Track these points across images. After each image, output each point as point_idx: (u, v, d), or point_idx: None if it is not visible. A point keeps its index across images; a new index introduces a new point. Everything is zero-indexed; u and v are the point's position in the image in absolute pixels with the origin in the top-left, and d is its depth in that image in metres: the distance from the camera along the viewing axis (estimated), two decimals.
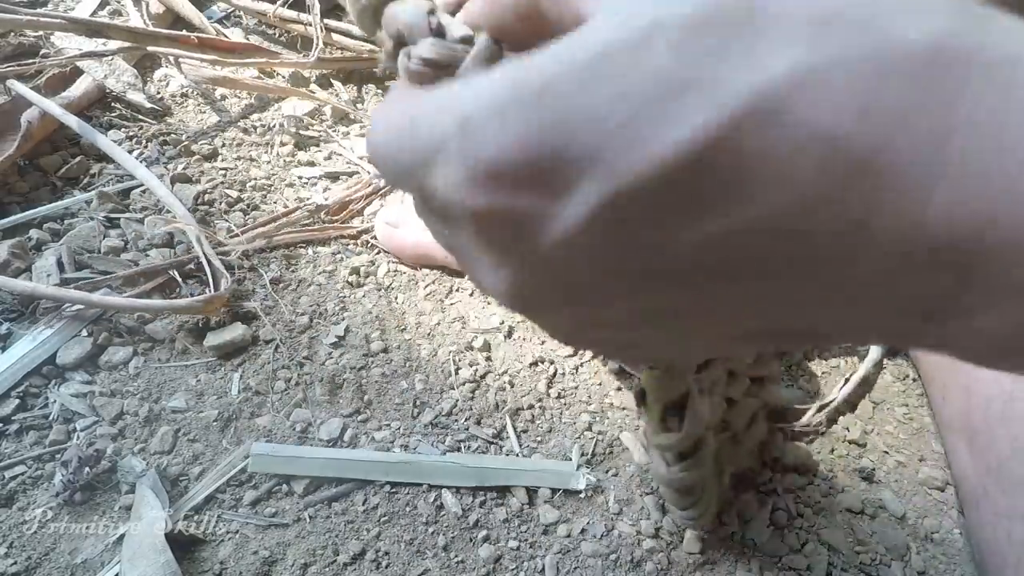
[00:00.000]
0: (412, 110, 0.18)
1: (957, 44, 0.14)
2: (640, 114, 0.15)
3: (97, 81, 0.73)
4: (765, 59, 0.14)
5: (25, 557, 0.43)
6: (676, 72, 0.14)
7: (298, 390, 0.53)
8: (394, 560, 0.46)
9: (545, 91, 0.15)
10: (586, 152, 0.15)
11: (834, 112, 0.14)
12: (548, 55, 0.16)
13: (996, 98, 0.14)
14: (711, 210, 0.15)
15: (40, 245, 0.59)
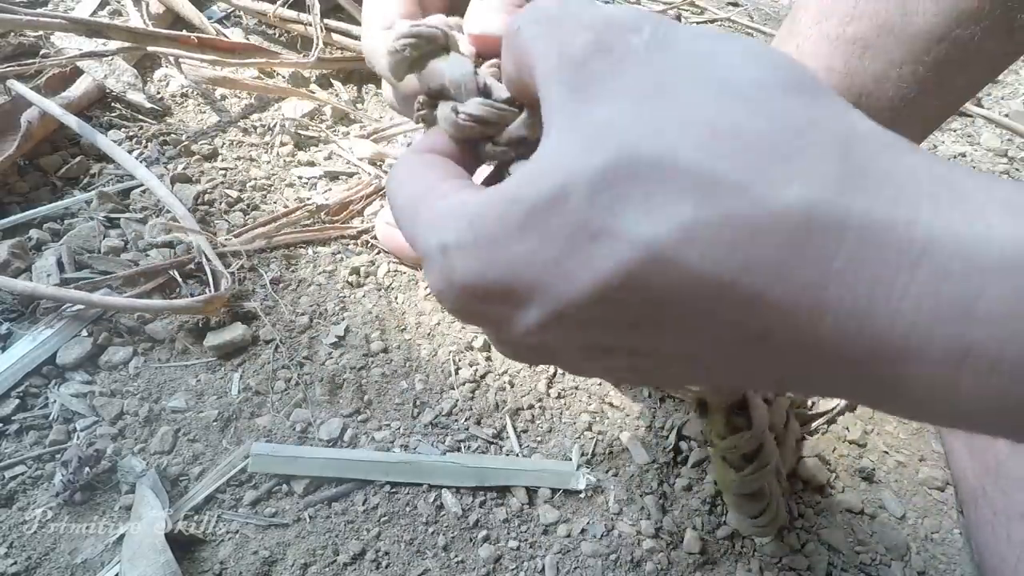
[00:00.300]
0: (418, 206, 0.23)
1: (829, 210, 0.16)
2: (565, 257, 0.19)
3: (97, 81, 0.73)
4: (660, 214, 0.17)
5: (25, 557, 0.43)
6: (589, 223, 0.18)
7: (298, 390, 0.53)
8: (394, 560, 0.46)
9: (496, 238, 0.20)
10: (530, 283, 0.19)
11: (718, 263, 0.17)
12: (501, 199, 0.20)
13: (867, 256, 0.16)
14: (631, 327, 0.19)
15: (40, 245, 0.59)
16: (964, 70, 0.40)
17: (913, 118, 0.43)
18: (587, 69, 0.20)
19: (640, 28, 0.20)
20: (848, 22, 0.40)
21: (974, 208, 0.16)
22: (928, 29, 0.38)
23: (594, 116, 0.19)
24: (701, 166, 0.17)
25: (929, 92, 0.41)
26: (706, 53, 0.19)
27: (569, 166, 0.18)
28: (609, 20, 0.20)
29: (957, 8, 0.37)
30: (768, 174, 0.16)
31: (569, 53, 0.20)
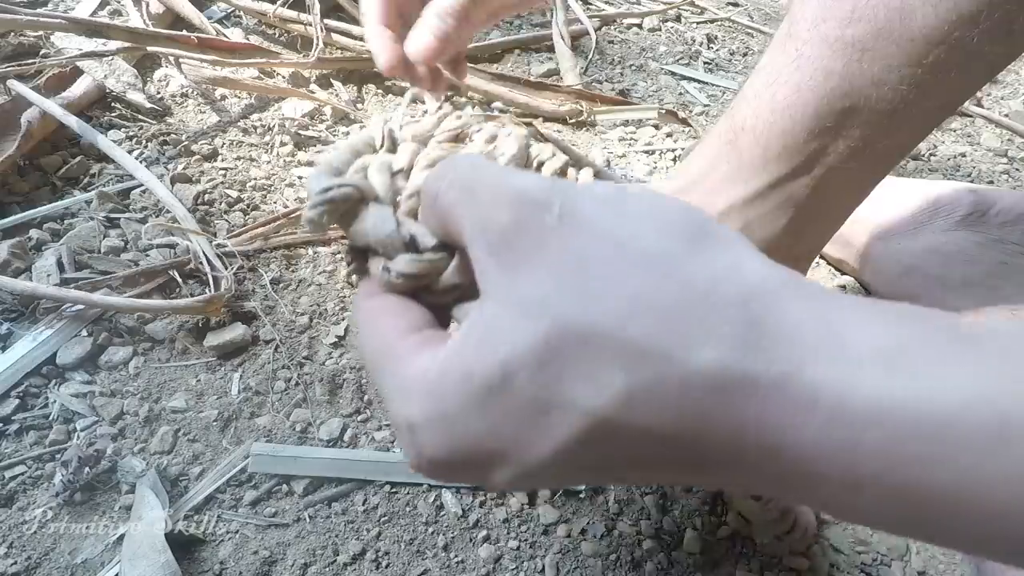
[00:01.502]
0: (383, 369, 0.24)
1: (738, 369, 0.19)
2: (524, 430, 0.21)
3: (97, 81, 0.73)
4: (599, 383, 0.20)
5: (25, 557, 0.43)
6: (538, 397, 0.20)
7: (298, 390, 0.53)
8: (394, 560, 0.46)
9: (457, 418, 0.22)
10: (494, 453, 0.22)
11: (655, 419, 0.19)
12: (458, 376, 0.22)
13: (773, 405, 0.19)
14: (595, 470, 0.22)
15: (40, 245, 0.59)
16: (963, 72, 0.40)
17: (912, 120, 0.43)
18: (511, 246, 0.22)
19: (550, 205, 0.22)
20: (847, 25, 0.40)
21: (852, 362, 0.18)
22: (927, 32, 0.38)
23: (525, 292, 0.21)
24: (625, 336, 0.19)
25: (928, 94, 0.41)
26: (612, 223, 0.21)
27: (512, 342, 0.20)
28: (522, 197, 0.22)
29: (956, 11, 0.37)
30: (684, 339, 0.19)
31: (492, 229, 0.22)
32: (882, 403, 0.18)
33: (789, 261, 0.52)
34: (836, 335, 0.19)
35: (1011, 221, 0.61)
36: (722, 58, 1.05)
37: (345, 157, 0.29)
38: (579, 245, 0.21)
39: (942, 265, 0.60)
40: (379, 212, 0.25)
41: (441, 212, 0.24)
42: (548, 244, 0.21)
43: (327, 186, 0.25)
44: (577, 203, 0.22)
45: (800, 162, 0.45)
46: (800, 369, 0.18)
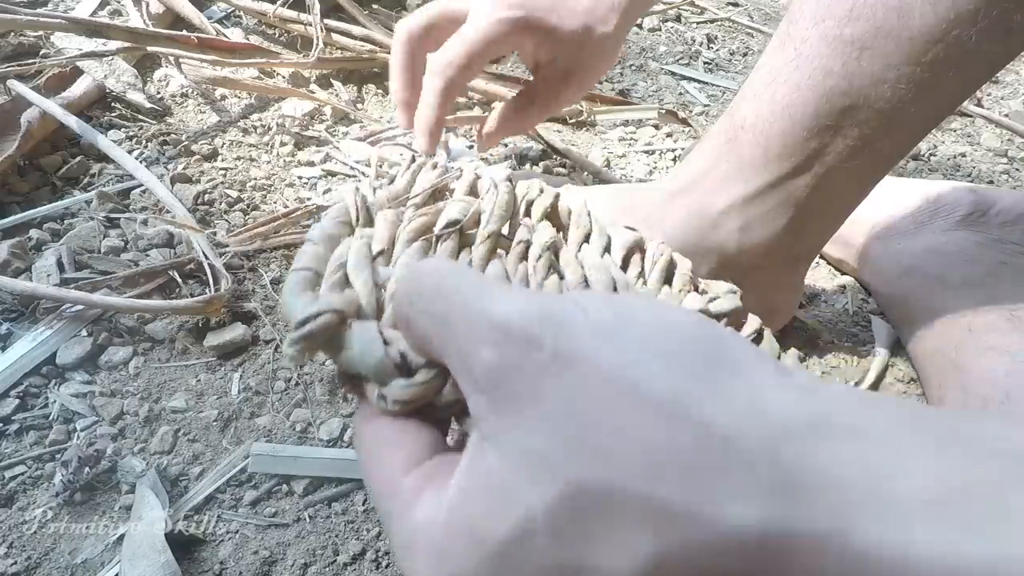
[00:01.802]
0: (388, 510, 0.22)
1: (774, 528, 0.16)
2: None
3: (97, 81, 0.73)
4: (626, 548, 0.17)
5: (25, 557, 0.43)
6: (562, 561, 0.18)
7: (298, 390, 0.53)
8: (394, 560, 0.46)
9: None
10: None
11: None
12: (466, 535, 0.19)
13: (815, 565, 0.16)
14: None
15: (40, 245, 0.59)
16: (962, 71, 0.40)
17: (911, 119, 0.43)
18: (501, 387, 0.19)
19: (540, 341, 0.19)
20: (846, 24, 0.40)
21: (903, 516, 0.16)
22: (925, 31, 0.38)
23: (529, 446, 0.18)
24: (647, 495, 0.17)
25: (927, 93, 0.41)
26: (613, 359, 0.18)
27: (524, 504, 0.18)
28: (505, 332, 0.19)
29: (954, 9, 0.37)
30: (711, 495, 0.17)
31: (476, 367, 0.20)
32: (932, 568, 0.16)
33: (789, 261, 0.53)
34: (881, 483, 0.17)
35: (1011, 221, 0.61)
36: (722, 58, 1.05)
37: (321, 253, 0.26)
38: (580, 389, 0.18)
39: (942, 265, 0.60)
40: (364, 334, 0.23)
41: (416, 339, 0.22)
42: (544, 389, 0.18)
43: (304, 317, 0.22)
44: (571, 337, 0.19)
45: (800, 161, 0.45)
46: (849, 527, 0.16)
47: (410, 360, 0.23)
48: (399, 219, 0.29)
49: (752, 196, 0.48)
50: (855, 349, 0.62)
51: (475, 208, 0.31)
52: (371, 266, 0.26)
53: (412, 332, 0.22)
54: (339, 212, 0.28)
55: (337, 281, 0.25)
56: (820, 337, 0.62)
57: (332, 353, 0.23)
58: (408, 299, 0.22)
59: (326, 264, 0.26)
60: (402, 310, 0.23)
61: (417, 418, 0.23)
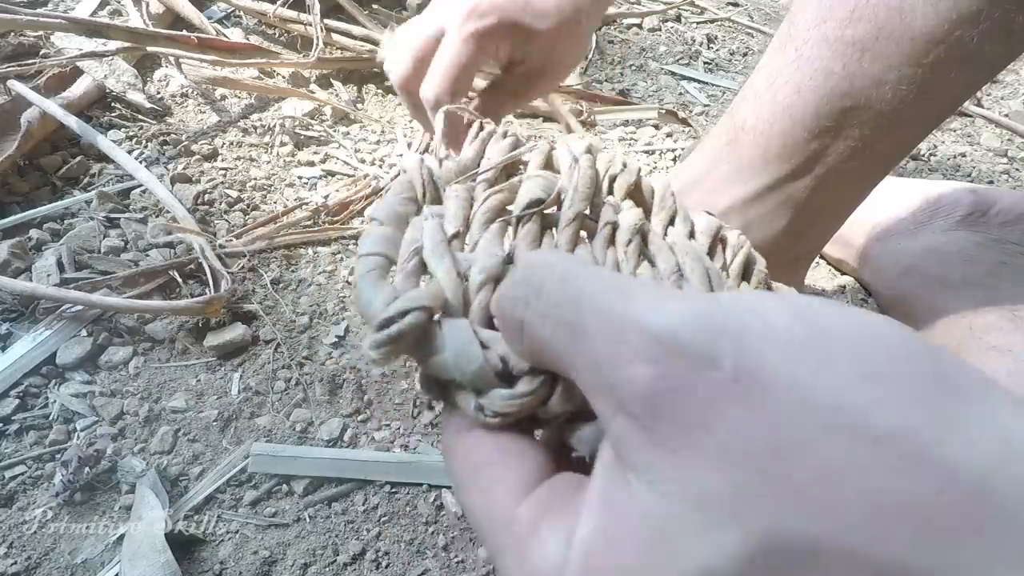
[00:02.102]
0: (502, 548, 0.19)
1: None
2: None
3: (97, 81, 0.73)
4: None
5: (25, 557, 0.43)
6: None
7: (298, 390, 0.53)
8: (394, 560, 0.46)
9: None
10: None
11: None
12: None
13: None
14: None
15: (40, 245, 0.59)
16: (963, 72, 0.40)
17: (912, 120, 0.43)
18: (664, 414, 0.16)
19: (717, 358, 0.15)
20: (847, 25, 0.40)
21: None
22: (927, 32, 0.38)
23: (705, 483, 0.15)
24: (870, 553, 0.14)
25: (928, 94, 0.41)
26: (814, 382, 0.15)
27: (697, 553, 0.15)
28: (668, 346, 0.16)
29: (955, 11, 0.37)
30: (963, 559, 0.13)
31: (627, 389, 0.16)
32: None
33: (789, 261, 0.52)
34: None
35: (1011, 221, 0.61)
36: (722, 58, 1.05)
37: (389, 234, 0.23)
38: (773, 417, 0.15)
39: (942, 265, 0.60)
40: (457, 336, 0.20)
41: (534, 349, 0.19)
42: (723, 416, 0.15)
43: (388, 316, 0.19)
44: (756, 353, 0.15)
45: (800, 162, 0.45)
46: None
47: (512, 366, 0.20)
48: (471, 196, 0.26)
49: (752, 197, 0.47)
50: None
51: (557, 186, 0.28)
52: (450, 252, 0.23)
53: (527, 339, 0.19)
54: (404, 187, 0.26)
55: (413, 269, 0.22)
56: None
57: (420, 356, 0.20)
58: (522, 301, 0.19)
59: (396, 247, 0.23)
60: (513, 313, 0.19)
61: (519, 432, 0.20)
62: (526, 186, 0.27)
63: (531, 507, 0.19)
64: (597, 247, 0.27)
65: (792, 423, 0.14)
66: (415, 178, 0.26)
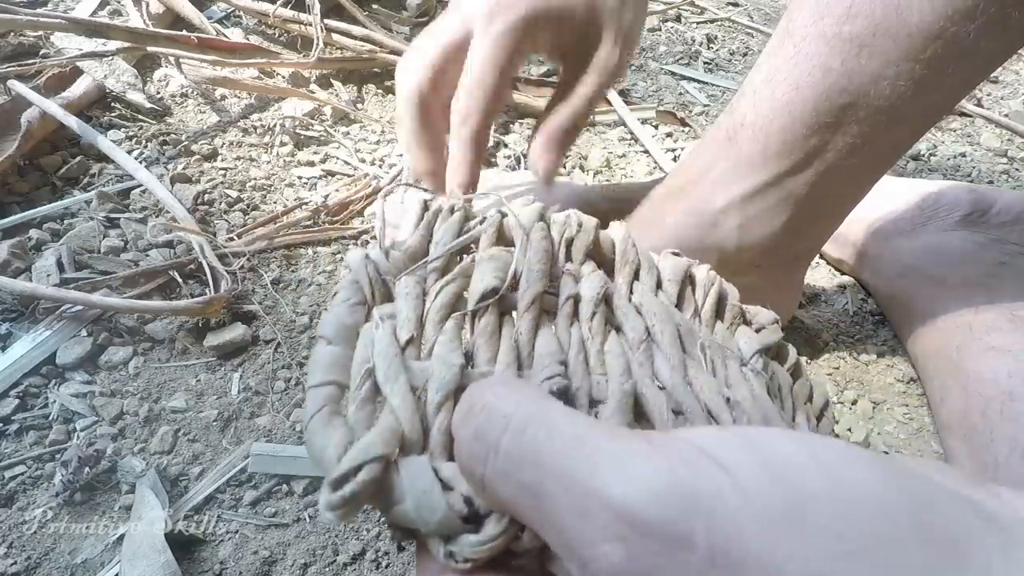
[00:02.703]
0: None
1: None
2: None
3: (97, 81, 0.73)
4: None
5: (25, 557, 0.43)
6: None
7: (298, 390, 0.53)
8: (394, 560, 0.46)
9: None
10: None
11: None
12: None
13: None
14: None
15: (40, 245, 0.59)
16: (960, 68, 0.40)
17: (910, 116, 0.43)
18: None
19: (690, 540, 0.14)
20: (844, 21, 0.40)
21: None
22: (923, 27, 0.38)
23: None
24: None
25: (926, 90, 0.41)
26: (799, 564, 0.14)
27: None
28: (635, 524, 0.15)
29: (952, 6, 0.37)
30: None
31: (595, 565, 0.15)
32: None
33: (789, 260, 0.52)
34: None
35: (1010, 221, 0.61)
36: (722, 58, 1.05)
37: (339, 355, 0.22)
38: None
39: (941, 265, 0.60)
40: (417, 481, 0.19)
41: (496, 503, 0.18)
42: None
43: (341, 474, 0.19)
44: (730, 531, 0.14)
45: (799, 159, 0.45)
46: None
47: (478, 505, 0.19)
48: (423, 289, 0.25)
49: (751, 194, 0.48)
50: (855, 349, 0.62)
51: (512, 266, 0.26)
52: (404, 369, 0.22)
53: (489, 496, 0.18)
54: (350, 291, 0.24)
55: (367, 395, 0.21)
56: (820, 337, 0.62)
57: (381, 507, 0.19)
58: (480, 459, 0.18)
59: (347, 371, 0.22)
60: (472, 470, 0.18)
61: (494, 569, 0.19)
62: (478, 273, 0.26)
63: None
64: (560, 326, 0.26)
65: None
66: (361, 278, 0.25)
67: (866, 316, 0.66)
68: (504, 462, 0.17)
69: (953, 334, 0.55)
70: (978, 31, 0.38)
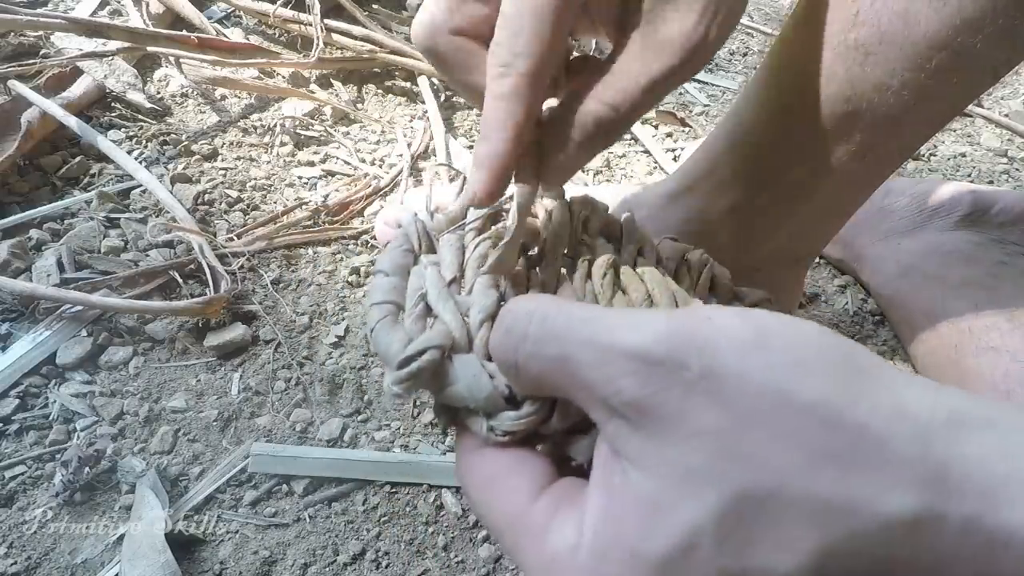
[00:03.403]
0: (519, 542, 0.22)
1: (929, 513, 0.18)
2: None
3: (97, 81, 0.73)
4: (791, 547, 0.18)
5: (25, 557, 0.43)
6: (725, 567, 0.19)
7: (298, 390, 0.53)
8: (394, 560, 0.46)
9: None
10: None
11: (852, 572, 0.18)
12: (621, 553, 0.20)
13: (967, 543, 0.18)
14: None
15: (40, 245, 0.59)
16: (965, 77, 0.40)
17: (914, 124, 0.42)
18: (648, 412, 0.19)
19: (684, 363, 0.19)
20: (850, 29, 0.40)
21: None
22: (929, 37, 0.38)
23: (685, 461, 0.19)
24: (810, 493, 0.18)
25: (930, 99, 0.40)
26: (761, 375, 0.19)
27: (686, 516, 0.19)
28: (645, 360, 0.20)
29: (959, 16, 0.37)
30: (870, 488, 0.18)
31: (617, 399, 0.20)
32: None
33: (789, 262, 0.52)
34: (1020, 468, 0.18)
35: (1010, 221, 0.61)
36: (722, 58, 1.05)
37: (396, 284, 0.27)
38: (733, 403, 0.19)
39: (941, 265, 0.60)
40: (467, 369, 0.24)
41: (530, 381, 0.23)
42: (695, 406, 0.19)
43: (407, 356, 0.23)
44: (716, 355, 0.19)
45: (801, 165, 0.45)
46: (993, 509, 0.18)
47: (515, 391, 0.23)
48: (462, 244, 0.29)
49: (752, 199, 0.47)
50: None
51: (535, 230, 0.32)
52: (451, 295, 0.26)
53: (523, 377, 0.22)
54: (402, 239, 0.29)
55: (420, 313, 0.26)
56: None
57: (436, 388, 0.24)
58: (512, 348, 0.22)
59: (402, 295, 0.26)
60: (506, 358, 0.23)
61: (524, 447, 0.24)
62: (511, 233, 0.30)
63: (543, 505, 0.22)
64: (577, 283, 0.31)
65: (748, 405, 0.19)
66: (411, 232, 0.29)
67: (866, 316, 0.66)
68: (533, 344, 0.22)
69: (952, 334, 0.55)
70: (985, 41, 0.37)
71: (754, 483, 0.18)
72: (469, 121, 0.81)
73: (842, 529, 0.18)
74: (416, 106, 0.82)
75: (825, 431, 0.18)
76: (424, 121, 0.79)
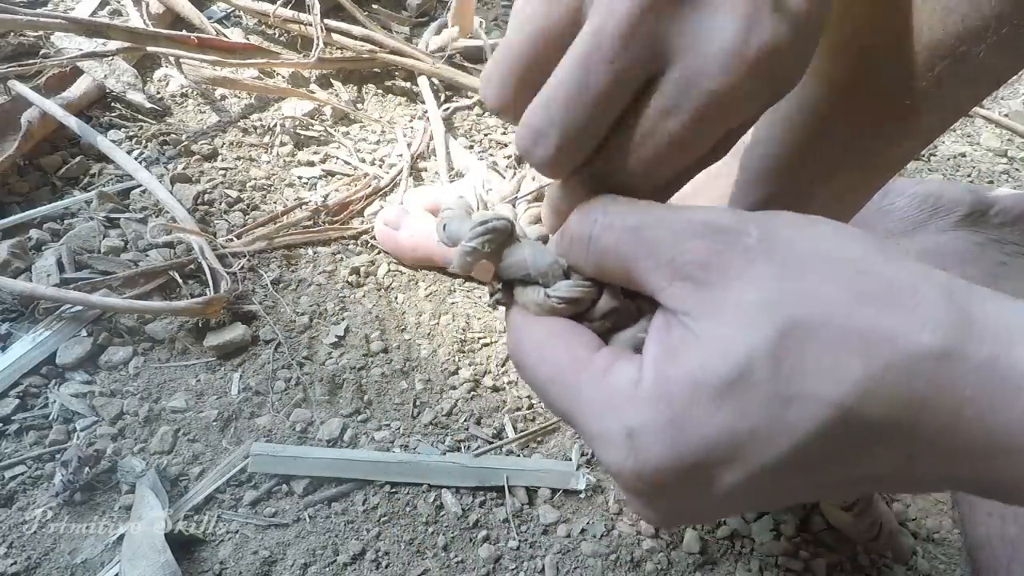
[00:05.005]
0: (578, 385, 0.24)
1: (955, 351, 0.20)
2: (763, 425, 0.21)
3: (97, 81, 0.73)
4: (837, 373, 0.20)
5: (25, 557, 0.43)
6: (780, 390, 0.21)
7: (298, 390, 0.53)
8: (394, 560, 0.46)
9: (688, 419, 0.22)
10: (725, 455, 0.22)
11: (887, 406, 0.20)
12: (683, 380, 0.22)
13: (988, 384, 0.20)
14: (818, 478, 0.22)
15: (40, 245, 0.59)
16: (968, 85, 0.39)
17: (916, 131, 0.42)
18: (714, 269, 0.22)
19: (746, 231, 0.23)
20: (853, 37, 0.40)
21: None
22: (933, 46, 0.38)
23: (745, 299, 0.22)
24: (854, 324, 0.21)
25: (932, 107, 0.40)
26: (809, 241, 0.23)
27: (745, 343, 0.21)
28: (714, 228, 0.23)
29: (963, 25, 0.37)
30: (905, 325, 0.21)
31: (685, 260, 0.23)
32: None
33: None
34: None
35: (1010, 221, 0.61)
36: None
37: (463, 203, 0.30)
38: (784, 256, 0.22)
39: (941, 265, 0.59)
40: (530, 243, 0.26)
41: (599, 252, 0.25)
42: (755, 260, 0.22)
43: (485, 219, 0.26)
44: (772, 226, 0.23)
45: (801, 173, 0.45)
46: (1009, 350, 0.20)
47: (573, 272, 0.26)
48: (515, 211, 0.33)
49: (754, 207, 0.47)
50: None
51: None
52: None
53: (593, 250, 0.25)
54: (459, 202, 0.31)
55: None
56: None
57: (497, 258, 0.26)
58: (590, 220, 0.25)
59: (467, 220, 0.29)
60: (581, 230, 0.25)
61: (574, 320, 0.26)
62: None
63: (603, 354, 0.24)
64: None
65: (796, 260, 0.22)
66: (470, 198, 0.32)
67: None
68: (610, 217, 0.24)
69: None
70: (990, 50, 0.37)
71: (805, 314, 0.21)
72: (469, 121, 0.81)
73: (880, 361, 0.20)
74: (416, 106, 0.82)
75: (863, 277, 0.21)
76: (424, 121, 0.79)
